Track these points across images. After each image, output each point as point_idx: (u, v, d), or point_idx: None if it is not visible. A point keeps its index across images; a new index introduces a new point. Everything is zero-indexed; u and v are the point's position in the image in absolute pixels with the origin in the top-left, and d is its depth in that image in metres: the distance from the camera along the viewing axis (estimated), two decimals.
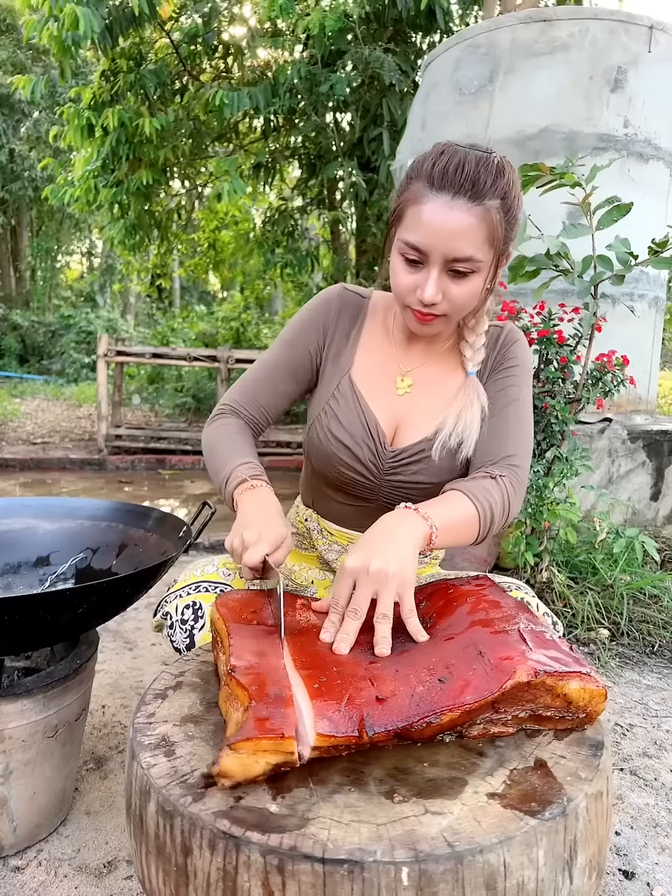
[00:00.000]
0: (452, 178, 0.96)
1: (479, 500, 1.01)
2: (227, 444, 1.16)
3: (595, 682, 0.74)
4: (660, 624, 2.31)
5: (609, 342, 2.60)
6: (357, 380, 1.19)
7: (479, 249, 0.99)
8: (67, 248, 21.07)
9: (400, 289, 1.06)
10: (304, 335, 1.23)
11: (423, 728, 0.70)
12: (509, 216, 1.01)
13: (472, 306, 1.07)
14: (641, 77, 3.29)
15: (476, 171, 0.96)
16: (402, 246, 1.02)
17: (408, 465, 1.15)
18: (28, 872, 1.19)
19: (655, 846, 1.31)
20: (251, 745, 0.62)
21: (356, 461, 1.16)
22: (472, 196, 0.96)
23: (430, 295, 1.01)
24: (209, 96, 5.15)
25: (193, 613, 1.10)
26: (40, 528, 1.53)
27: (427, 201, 0.98)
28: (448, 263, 0.99)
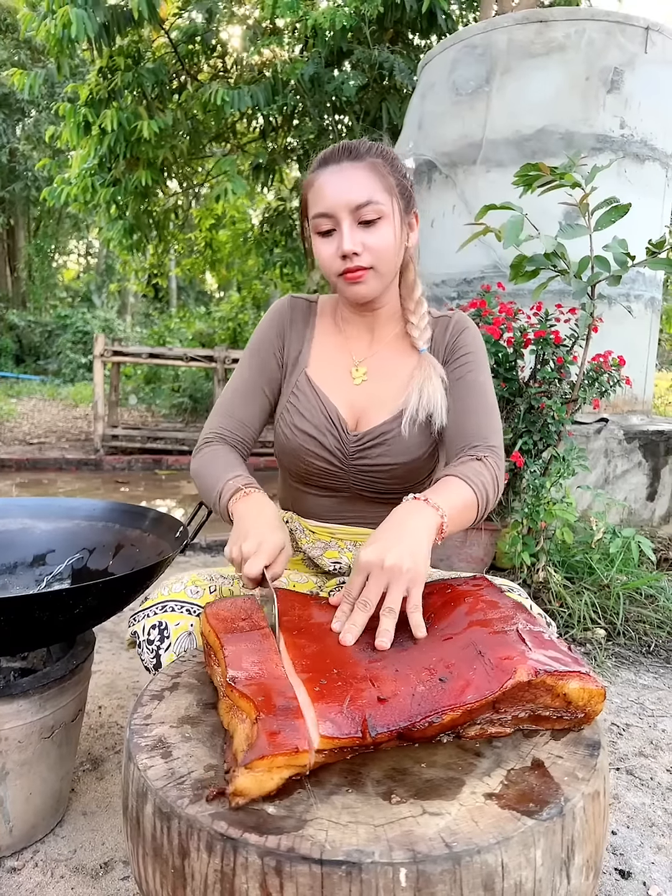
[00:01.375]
0: (333, 153, 1.11)
1: (475, 483, 1.04)
2: (216, 465, 1.18)
3: (594, 681, 0.74)
4: (656, 624, 2.31)
5: (605, 343, 2.61)
6: (313, 375, 1.25)
7: (375, 193, 1.08)
8: (65, 247, 21.04)
9: (325, 261, 1.13)
10: (265, 346, 1.29)
11: (425, 728, 0.70)
12: (395, 168, 1.12)
13: (393, 257, 1.13)
14: (638, 78, 3.30)
15: (355, 144, 1.11)
16: (315, 222, 1.11)
17: (371, 448, 1.19)
18: (24, 873, 1.18)
19: (652, 845, 1.32)
20: (266, 763, 0.62)
21: (322, 448, 1.21)
22: (352, 157, 1.09)
23: (348, 244, 1.07)
24: (209, 95, 5.14)
25: (159, 633, 1.07)
26: (37, 529, 1.53)
27: (318, 177, 1.11)
28: (355, 214, 1.08)
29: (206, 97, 5.23)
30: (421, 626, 0.84)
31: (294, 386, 1.25)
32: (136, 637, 1.11)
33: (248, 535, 0.97)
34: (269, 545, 0.95)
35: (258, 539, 0.96)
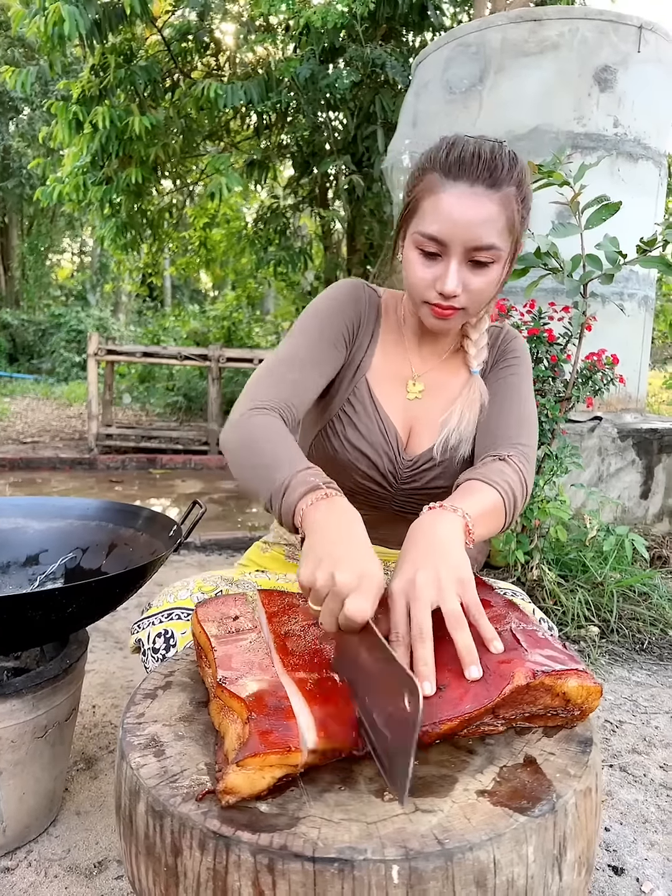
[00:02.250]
0: (470, 167, 0.94)
1: (499, 484, 0.95)
2: (276, 445, 0.92)
3: (591, 678, 0.74)
4: (649, 621, 2.32)
5: (599, 341, 2.61)
6: (374, 384, 1.14)
7: (499, 237, 0.97)
8: (58, 246, 20.97)
9: (417, 283, 1.01)
10: (336, 323, 1.12)
11: (421, 736, 0.70)
12: (525, 204, 1.00)
13: (489, 299, 1.04)
14: (631, 77, 3.31)
15: (492, 159, 0.94)
16: (420, 239, 0.98)
17: (425, 472, 1.13)
18: (18, 873, 1.18)
19: (645, 842, 1.32)
20: (258, 761, 0.61)
21: (374, 470, 1.13)
22: (490, 183, 0.94)
23: (451, 286, 0.97)
24: (202, 89, 5.12)
25: (165, 642, 1.05)
26: (30, 528, 1.52)
27: (444, 190, 0.95)
28: (468, 253, 0.97)
29: (199, 92, 5.21)
30: (495, 638, 0.74)
31: (352, 392, 1.13)
32: (141, 644, 1.09)
33: (341, 560, 0.73)
34: (371, 580, 0.73)
35: (357, 569, 0.73)
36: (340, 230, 8.43)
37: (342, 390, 1.15)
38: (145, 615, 1.12)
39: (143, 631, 1.09)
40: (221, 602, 0.90)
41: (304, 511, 0.82)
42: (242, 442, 0.95)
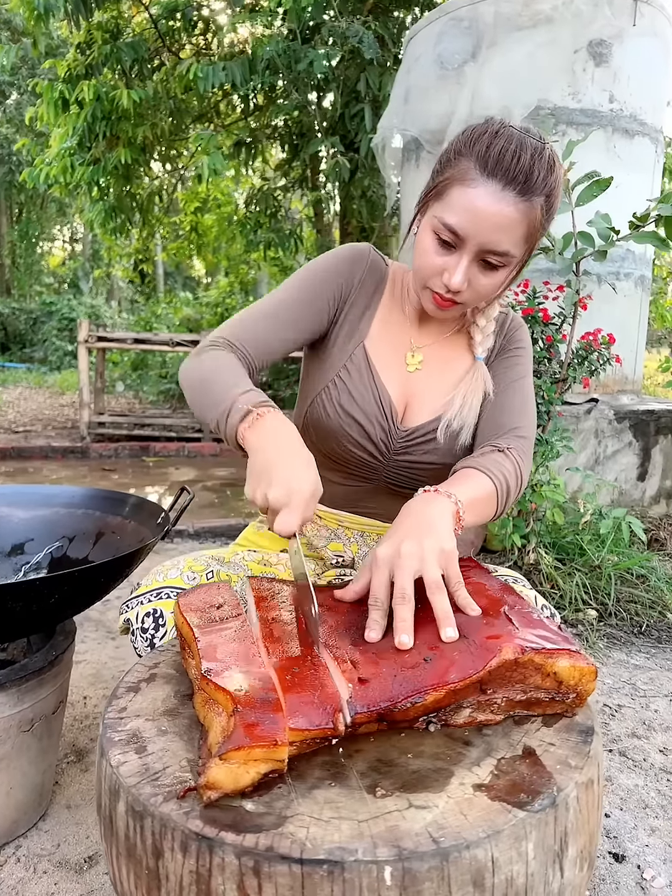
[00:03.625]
0: (507, 167, 0.91)
1: (494, 474, 0.97)
2: (224, 375, 0.97)
3: (585, 659, 0.71)
4: (647, 604, 2.30)
5: (595, 321, 2.57)
6: (371, 350, 1.13)
7: (515, 245, 0.97)
8: (49, 233, 20.75)
9: (426, 269, 1.01)
10: (325, 284, 1.12)
11: (407, 709, 0.67)
12: (550, 215, 0.99)
13: (490, 298, 1.07)
14: (626, 51, 3.24)
15: (531, 164, 0.92)
16: (439, 225, 0.97)
17: (419, 445, 1.12)
18: (6, 869, 1.15)
19: (645, 828, 1.30)
20: (242, 755, 0.58)
21: (367, 439, 1.12)
22: (522, 190, 0.92)
23: (457, 282, 0.97)
24: (183, 70, 5.01)
25: (154, 622, 1.04)
26: (14, 517, 1.48)
27: (476, 186, 0.93)
28: (481, 253, 0.96)
29: (182, 72, 5.10)
30: (470, 605, 0.78)
31: (348, 357, 1.12)
32: (129, 624, 1.09)
33: (273, 478, 0.81)
34: (301, 495, 0.81)
35: (287, 485, 0.80)
36: (332, 212, 8.33)
37: (339, 355, 1.14)
38: (134, 595, 1.11)
39: (132, 611, 1.09)
40: (204, 591, 0.87)
41: (244, 434, 0.89)
42: (193, 374, 1.02)
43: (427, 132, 3.42)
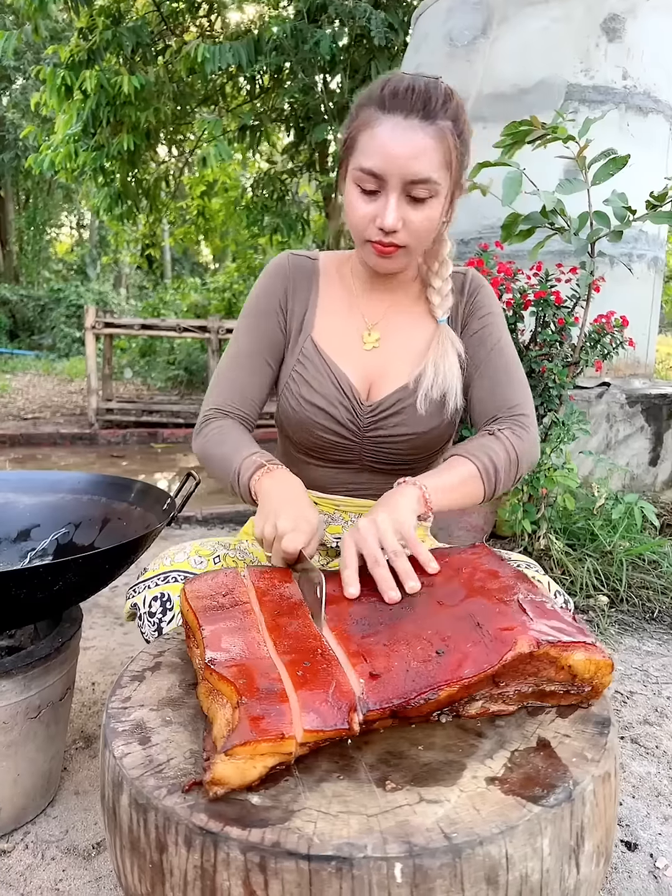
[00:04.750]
0: (404, 99, 0.95)
1: (478, 457, 1.01)
2: (227, 443, 1.09)
3: (601, 652, 0.69)
4: (659, 590, 2.27)
5: (607, 304, 2.52)
6: (320, 341, 1.15)
7: (436, 171, 0.96)
8: (57, 220, 20.69)
9: (358, 220, 1.01)
10: (266, 309, 1.18)
11: (420, 705, 0.65)
12: (462, 140, 1.00)
13: (430, 237, 1.04)
14: (640, 26, 3.16)
15: (426, 91, 0.95)
16: (358, 174, 0.98)
17: (388, 418, 1.12)
18: (14, 856, 1.15)
19: (658, 816, 1.29)
20: (249, 750, 0.57)
21: (334, 422, 1.13)
22: (424, 115, 0.95)
23: (390, 220, 0.97)
24: (189, 51, 4.93)
25: (161, 605, 1.04)
26: (20, 503, 1.47)
27: (380, 123, 0.96)
28: (406, 187, 0.96)
29: (187, 54, 5.02)
30: (430, 561, 0.83)
31: (300, 353, 1.15)
32: (136, 609, 1.08)
33: (281, 512, 0.91)
34: (307, 524, 0.90)
35: (294, 516, 0.90)
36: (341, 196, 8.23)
37: (291, 354, 1.17)
38: (141, 579, 1.11)
39: (139, 595, 1.09)
40: (211, 577, 0.85)
41: (255, 486, 1.01)
42: (203, 452, 1.13)
43: None
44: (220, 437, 1.11)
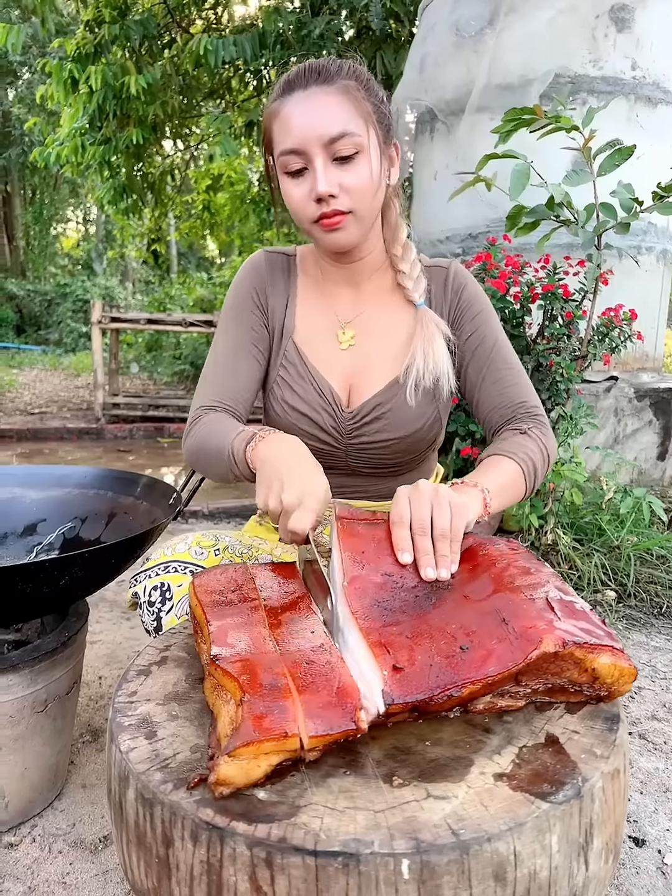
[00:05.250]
0: (298, 77, 0.97)
1: (520, 457, 0.99)
2: (218, 431, 1.02)
3: (627, 659, 0.67)
4: (667, 585, 2.26)
5: (615, 297, 2.51)
6: (301, 343, 1.13)
7: (350, 122, 0.95)
8: (63, 215, 20.69)
9: (297, 205, 1.00)
10: (246, 306, 1.15)
11: (443, 701, 0.64)
12: (371, 92, 0.99)
13: (372, 195, 1.00)
14: (650, 16, 3.12)
15: (319, 65, 0.97)
16: (283, 161, 0.98)
17: (369, 425, 1.10)
18: (21, 849, 1.16)
19: (666, 811, 1.28)
20: (252, 750, 0.56)
21: (317, 428, 1.11)
22: (322, 80, 0.96)
23: (322, 185, 0.95)
24: (195, 44, 4.91)
25: (161, 595, 1.04)
26: (27, 498, 1.47)
27: (283, 106, 0.97)
28: (328, 149, 0.95)
29: (192, 48, 4.99)
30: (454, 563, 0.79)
31: (283, 356, 1.14)
32: (137, 598, 1.09)
33: (284, 481, 0.83)
34: (314, 496, 0.82)
35: (299, 487, 0.82)
36: None
37: (275, 357, 1.15)
38: (142, 569, 1.12)
39: (140, 584, 1.10)
40: (220, 572, 0.85)
41: (251, 457, 0.93)
42: (193, 449, 1.07)
43: (442, 102, 3.33)
44: (208, 429, 1.05)
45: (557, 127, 2.04)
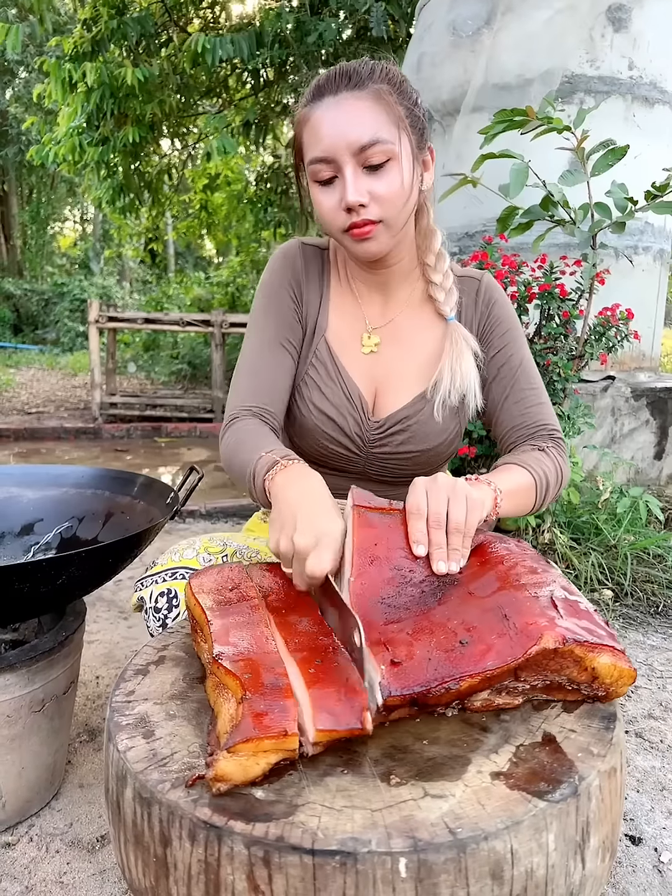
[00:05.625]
0: (329, 82, 0.94)
1: (535, 469, 0.98)
2: (246, 444, 0.99)
3: (627, 661, 0.67)
4: (664, 584, 2.27)
5: (613, 296, 2.51)
6: (333, 342, 1.11)
7: (382, 129, 0.92)
8: (60, 214, 20.66)
9: (327, 214, 0.98)
10: (281, 296, 1.11)
11: (440, 694, 0.65)
12: (404, 97, 0.96)
13: (403, 204, 0.97)
14: (646, 15, 3.13)
15: (350, 68, 0.94)
16: (312, 169, 0.96)
17: (393, 436, 1.09)
18: (19, 848, 1.16)
19: (663, 810, 1.28)
20: (251, 747, 0.56)
21: (341, 434, 1.10)
22: (353, 85, 0.93)
23: (352, 195, 0.92)
24: (192, 43, 4.90)
25: (168, 602, 1.04)
26: (24, 497, 1.47)
27: (314, 112, 0.95)
28: (359, 157, 0.92)
29: (189, 46, 4.99)
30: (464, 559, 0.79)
31: (314, 354, 1.10)
32: (143, 602, 1.08)
33: (298, 523, 0.77)
34: (328, 537, 0.76)
35: (314, 529, 0.77)
36: None
37: (305, 352, 1.12)
38: (149, 573, 1.10)
39: (146, 589, 1.09)
40: (217, 572, 0.85)
41: (269, 486, 0.89)
42: (226, 456, 1.04)
43: (439, 102, 3.33)
44: (237, 440, 1.02)
45: (550, 128, 2.04)
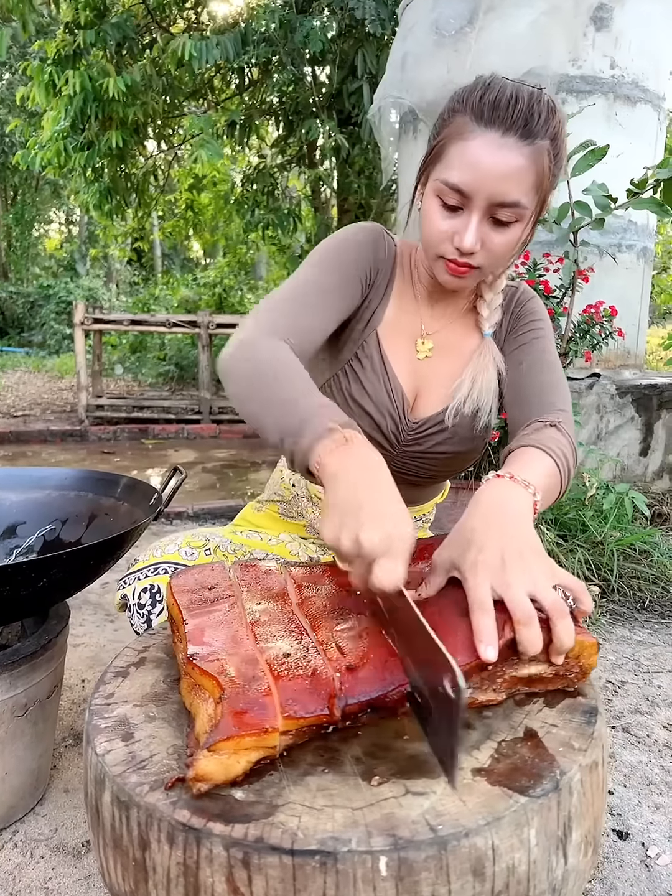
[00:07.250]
0: (504, 113, 0.86)
1: (555, 452, 0.87)
2: (291, 378, 0.82)
3: (585, 632, 0.69)
4: (650, 579, 2.28)
5: (597, 294, 2.52)
6: (384, 338, 1.07)
7: (525, 195, 0.89)
8: (45, 216, 20.53)
9: (434, 236, 0.94)
10: (353, 268, 1.01)
11: (397, 697, 0.64)
12: (558, 161, 0.92)
13: (507, 259, 0.97)
14: (628, 15, 3.15)
15: (529, 107, 0.86)
16: (442, 187, 0.91)
17: (430, 436, 1.08)
18: (3, 854, 1.14)
19: (649, 804, 1.29)
20: (232, 745, 0.56)
21: (377, 431, 1.07)
22: (523, 134, 0.86)
23: (469, 242, 0.90)
24: (176, 48, 4.89)
25: (151, 598, 1.03)
26: (6, 500, 1.46)
27: (474, 137, 0.87)
28: (491, 209, 0.89)
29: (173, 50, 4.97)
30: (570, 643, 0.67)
31: (360, 345, 1.06)
32: (126, 600, 1.07)
33: (364, 517, 0.66)
34: (403, 542, 0.66)
35: (384, 529, 0.65)
36: (329, 189, 8.20)
37: (351, 342, 1.07)
38: (131, 570, 1.09)
39: (129, 587, 1.07)
40: (197, 572, 0.84)
41: (322, 458, 0.72)
42: (247, 368, 0.84)
43: (423, 101, 3.34)
44: (278, 363, 0.83)
45: None
